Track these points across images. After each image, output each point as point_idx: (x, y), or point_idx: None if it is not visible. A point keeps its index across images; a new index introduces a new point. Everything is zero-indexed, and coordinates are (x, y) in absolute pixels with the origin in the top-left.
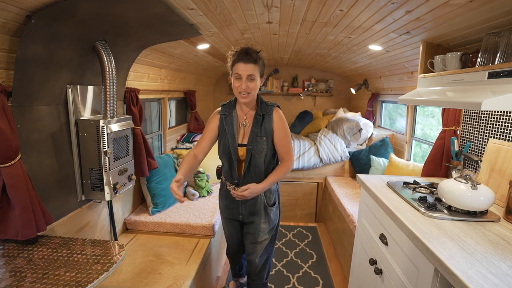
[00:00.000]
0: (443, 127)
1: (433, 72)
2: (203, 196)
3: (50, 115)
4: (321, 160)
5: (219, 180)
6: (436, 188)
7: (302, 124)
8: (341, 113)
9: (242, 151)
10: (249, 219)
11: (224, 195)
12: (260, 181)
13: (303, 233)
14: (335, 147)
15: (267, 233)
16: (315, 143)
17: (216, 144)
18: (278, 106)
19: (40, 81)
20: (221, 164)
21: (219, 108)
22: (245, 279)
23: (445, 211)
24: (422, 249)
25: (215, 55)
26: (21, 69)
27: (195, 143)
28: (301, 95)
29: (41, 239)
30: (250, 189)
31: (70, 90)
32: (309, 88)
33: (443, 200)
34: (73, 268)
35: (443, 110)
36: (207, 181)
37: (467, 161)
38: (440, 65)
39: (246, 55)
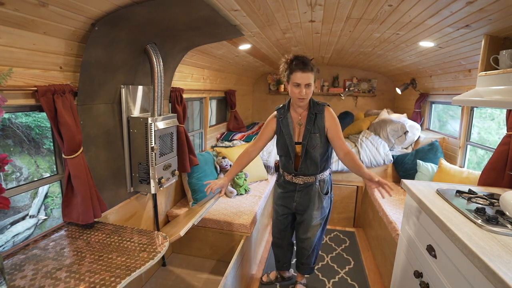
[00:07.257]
0: (507, 131)
1: (497, 69)
2: (241, 194)
3: (107, 113)
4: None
5: (255, 179)
6: (497, 199)
7: (343, 125)
8: (385, 114)
9: (299, 148)
10: (303, 207)
11: (282, 185)
12: (314, 171)
13: (340, 238)
14: (377, 150)
15: (319, 220)
16: (355, 145)
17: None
18: (329, 105)
19: (99, 82)
20: (278, 159)
21: (275, 112)
22: (287, 273)
23: (509, 226)
24: (480, 267)
25: (255, 55)
26: (85, 71)
27: (234, 141)
28: (342, 95)
29: (97, 225)
30: (379, 179)
31: (123, 89)
32: (351, 88)
33: (507, 213)
34: (123, 253)
35: (508, 112)
36: (245, 180)
37: None
38: (507, 61)
39: (304, 65)
